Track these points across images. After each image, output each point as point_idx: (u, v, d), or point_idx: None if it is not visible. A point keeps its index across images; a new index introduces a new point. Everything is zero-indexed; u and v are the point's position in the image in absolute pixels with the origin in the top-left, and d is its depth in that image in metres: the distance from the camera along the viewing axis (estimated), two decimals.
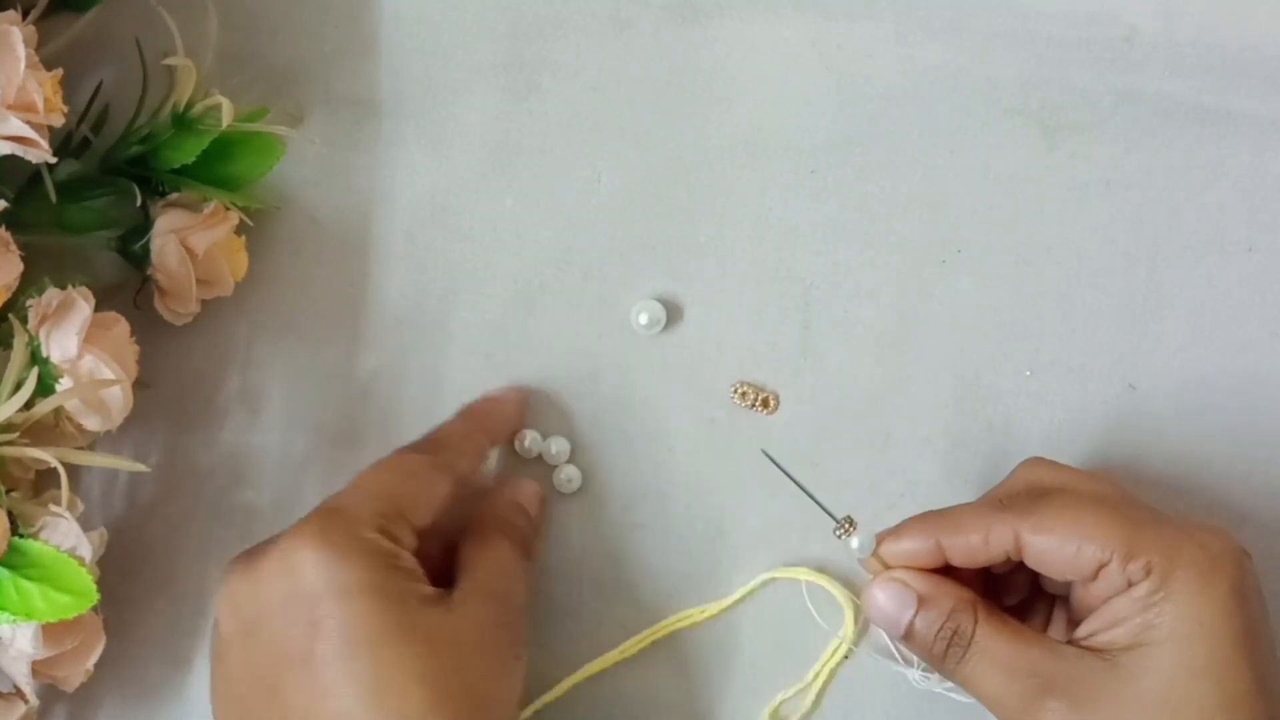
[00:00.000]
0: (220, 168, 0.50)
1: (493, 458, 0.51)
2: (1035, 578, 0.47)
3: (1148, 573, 0.42)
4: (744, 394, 0.50)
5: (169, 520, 0.52)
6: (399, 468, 0.46)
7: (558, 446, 0.51)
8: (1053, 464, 0.46)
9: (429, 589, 0.43)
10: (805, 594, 0.50)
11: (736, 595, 0.50)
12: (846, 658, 0.50)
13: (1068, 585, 0.46)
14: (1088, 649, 0.43)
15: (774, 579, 0.50)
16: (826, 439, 0.51)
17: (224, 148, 0.50)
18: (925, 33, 0.52)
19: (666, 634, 0.50)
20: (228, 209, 0.50)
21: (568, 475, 0.51)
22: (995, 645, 0.43)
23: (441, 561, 0.46)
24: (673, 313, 0.52)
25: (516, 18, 0.53)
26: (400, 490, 0.44)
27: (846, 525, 0.47)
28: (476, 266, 0.52)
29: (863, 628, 0.50)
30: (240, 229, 0.51)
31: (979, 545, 0.44)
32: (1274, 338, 0.51)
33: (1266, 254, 0.51)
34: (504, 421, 0.50)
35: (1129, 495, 0.45)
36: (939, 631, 0.44)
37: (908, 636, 0.45)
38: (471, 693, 0.41)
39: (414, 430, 0.51)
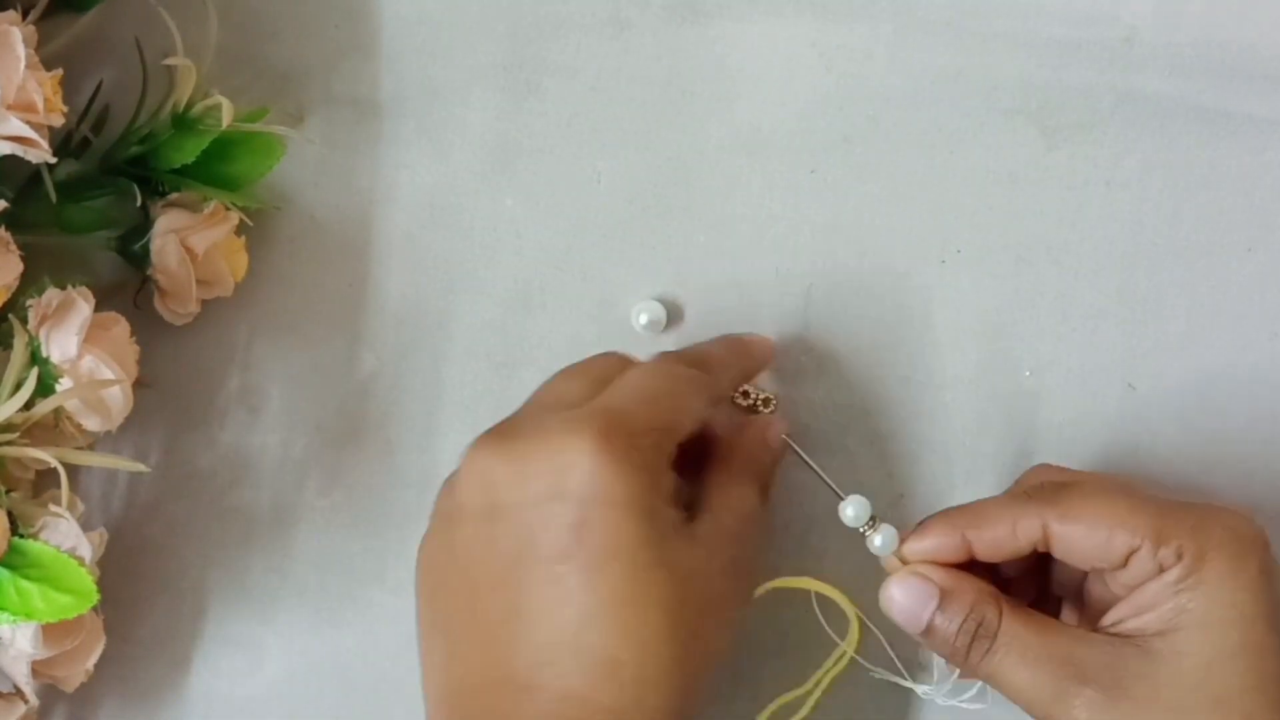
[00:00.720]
0: (220, 168, 0.50)
1: None
2: (1043, 580, 0.47)
3: (1179, 557, 0.41)
4: (744, 393, 0.50)
5: (169, 520, 0.52)
6: (670, 377, 0.44)
7: None
8: (1061, 468, 0.46)
9: (680, 514, 0.42)
10: (815, 603, 0.50)
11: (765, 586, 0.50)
12: (846, 665, 0.50)
13: (1078, 584, 0.46)
14: (1116, 636, 0.42)
15: (777, 587, 0.50)
16: (826, 439, 0.51)
17: (224, 148, 0.50)
18: (925, 33, 0.52)
19: None
20: (228, 209, 0.50)
21: None
22: (1023, 636, 0.43)
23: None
24: (673, 313, 0.52)
25: (516, 18, 0.53)
26: (671, 402, 0.43)
27: (870, 522, 0.46)
28: (476, 266, 0.52)
29: (866, 638, 0.50)
30: (240, 229, 0.51)
31: (1006, 537, 0.43)
32: (1274, 338, 0.51)
33: (1266, 254, 0.51)
34: (759, 356, 0.49)
35: (1146, 485, 0.44)
36: (962, 625, 0.43)
37: (928, 633, 0.44)
38: (700, 630, 0.41)
39: (414, 430, 0.52)
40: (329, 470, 0.52)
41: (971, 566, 0.45)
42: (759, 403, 0.51)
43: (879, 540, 0.46)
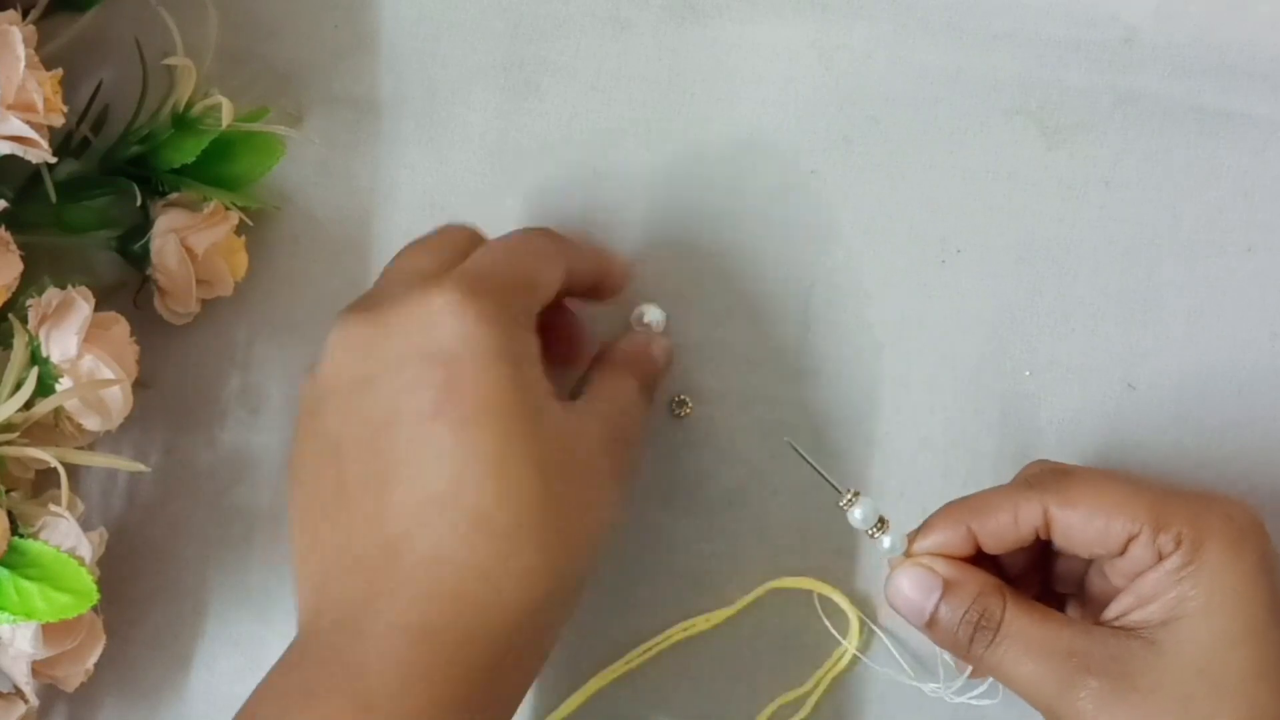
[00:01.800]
0: (220, 168, 0.50)
1: None
2: (1046, 577, 0.47)
3: (1178, 544, 0.41)
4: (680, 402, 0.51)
5: (169, 520, 0.52)
6: (527, 239, 0.44)
7: None
8: (1060, 463, 0.46)
9: (550, 385, 0.41)
10: (817, 603, 0.50)
11: (740, 604, 0.50)
12: (848, 666, 0.50)
13: (1079, 579, 0.46)
14: (1120, 629, 0.42)
15: (777, 588, 0.50)
16: (826, 439, 0.51)
17: (224, 148, 0.50)
18: (925, 33, 0.52)
19: (670, 644, 0.50)
20: (228, 209, 0.50)
21: None
22: (1027, 627, 0.43)
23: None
24: (672, 314, 0.52)
25: (516, 18, 0.53)
26: (532, 261, 0.43)
27: (880, 524, 0.46)
28: None
29: (866, 639, 0.50)
30: (240, 229, 0.51)
31: (1009, 525, 0.43)
32: (1274, 338, 0.51)
33: (1266, 254, 0.51)
34: (617, 267, 0.48)
35: (1145, 477, 0.44)
36: (965, 615, 0.43)
37: (931, 624, 0.44)
38: (573, 498, 0.40)
39: None
40: None
41: (977, 562, 0.45)
42: (675, 403, 0.51)
43: (888, 542, 0.46)
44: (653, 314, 0.51)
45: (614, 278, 0.48)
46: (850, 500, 0.46)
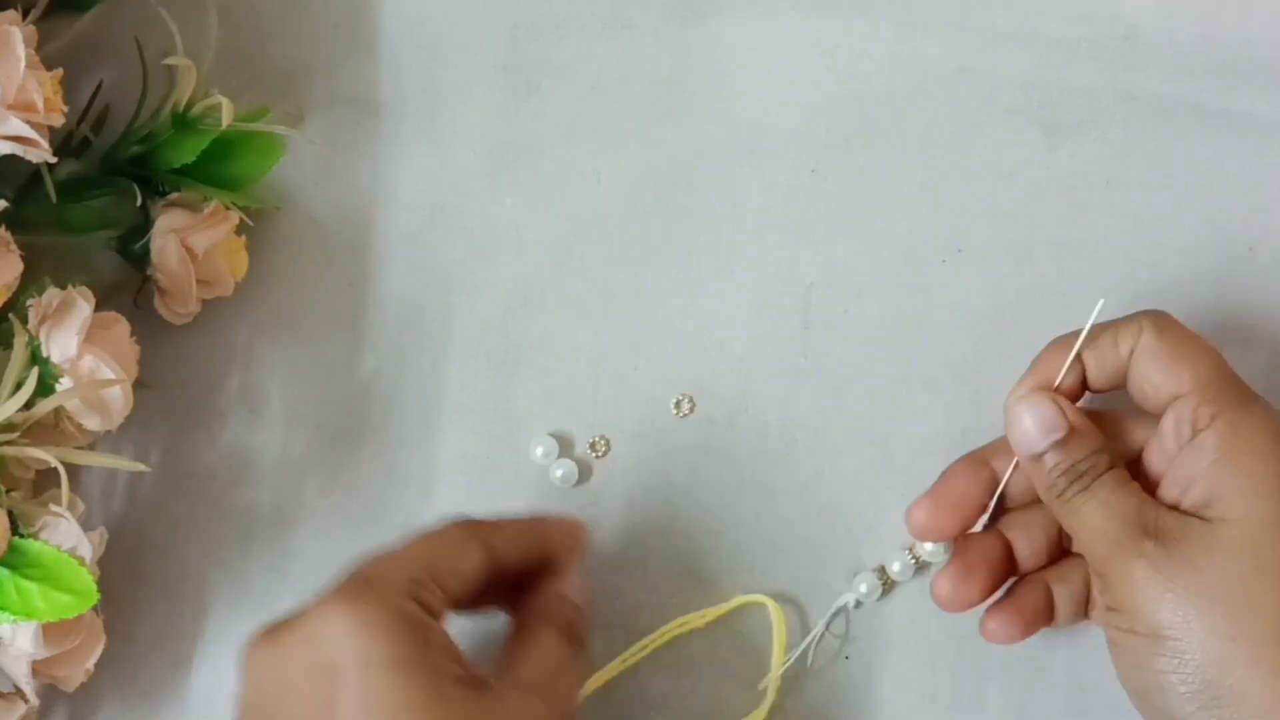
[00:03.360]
0: (220, 168, 0.50)
1: None
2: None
3: (1212, 419, 0.43)
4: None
5: (169, 520, 0.52)
6: (431, 535, 0.43)
7: (545, 447, 0.51)
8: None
9: (462, 670, 0.40)
10: (772, 614, 0.50)
11: (735, 602, 0.50)
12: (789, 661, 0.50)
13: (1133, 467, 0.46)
14: (1190, 514, 0.43)
15: (749, 603, 0.50)
16: (826, 439, 0.51)
17: (224, 148, 0.50)
18: (925, 32, 0.52)
19: (666, 641, 0.50)
20: (228, 209, 0.50)
21: (563, 474, 0.51)
22: (1114, 490, 0.44)
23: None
24: (673, 312, 0.52)
25: (516, 18, 0.53)
26: (433, 555, 0.42)
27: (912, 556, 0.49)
28: (476, 266, 0.52)
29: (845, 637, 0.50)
30: (240, 229, 0.51)
31: (1110, 348, 0.45)
32: (1274, 338, 0.51)
33: (1266, 254, 0.51)
34: (557, 532, 0.46)
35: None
36: (1076, 464, 0.44)
37: (1037, 460, 0.45)
38: None
39: (414, 430, 0.52)
40: (329, 470, 0.52)
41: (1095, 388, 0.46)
42: (676, 403, 0.51)
43: (929, 547, 0.49)
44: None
45: (560, 548, 0.46)
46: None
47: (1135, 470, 0.45)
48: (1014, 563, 0.47)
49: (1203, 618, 0.41)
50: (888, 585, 0.50)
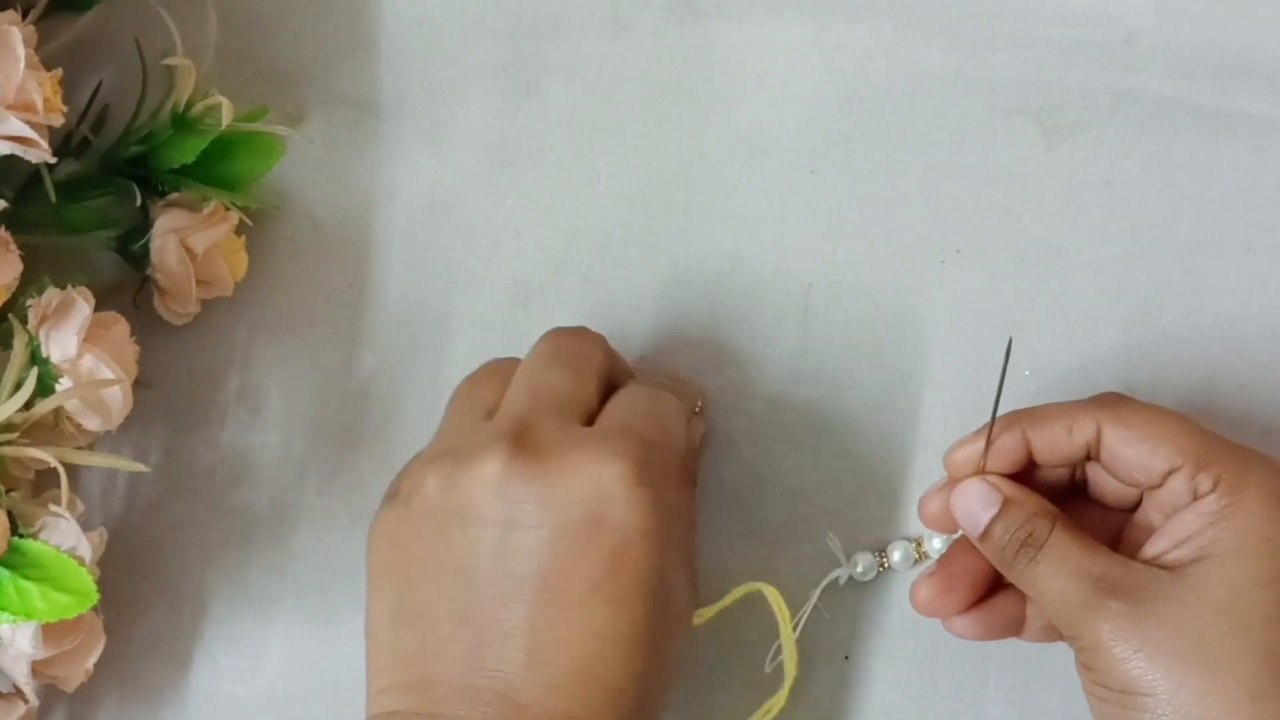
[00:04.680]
0: (220, 168, 0.50)
1: None
2: (1083, 524, 0.47)
3: (1215, 484, 0.42)
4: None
5: (169, 520, 0.52)
6: (666, 402, 0.45)
7: None
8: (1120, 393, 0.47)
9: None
10: (773, 605, 0.50)
11: (732, 596, 0.50)
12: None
13: (1118, 529, 0.46)
14: (1154, 565, 0.43)
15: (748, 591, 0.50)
16: (826, 440, 0.51)
17: (224, 148, 0.50)
18: (925, 33, 0.52)
19: None
20: (228, 209, 0.50)
21: None
22: (1066, 549, 0.43)
23: None
24: (672, 313, 0.52)
25: (516, 18, 0.53)
26: (677, 430, 0.45)
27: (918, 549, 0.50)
28: (476, 266, 0.52)
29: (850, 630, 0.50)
30: (240, 229, 0.51)
31: (1063, 436, 0.44)
32: (1273, 338, 0.51)
33: (1265, 254, 0.51)
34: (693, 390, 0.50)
35: (1201, 422, 0.45)
36: (1015, 533, 0.44)
37: (984, 536, 0.45)
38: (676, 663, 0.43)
39: (414, 430, 0.51)
40: (329, 470, 0.52)
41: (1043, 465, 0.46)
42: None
43: (939, 542, 0.49)
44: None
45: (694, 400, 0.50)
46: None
47: (1120, 521, 0.46)
48: (999, 577, 0.47)
49: (1172, 674, 0.41)
50: (885, 568, 0.49)
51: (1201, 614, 0.41)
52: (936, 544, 0.49)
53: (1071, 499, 0.46)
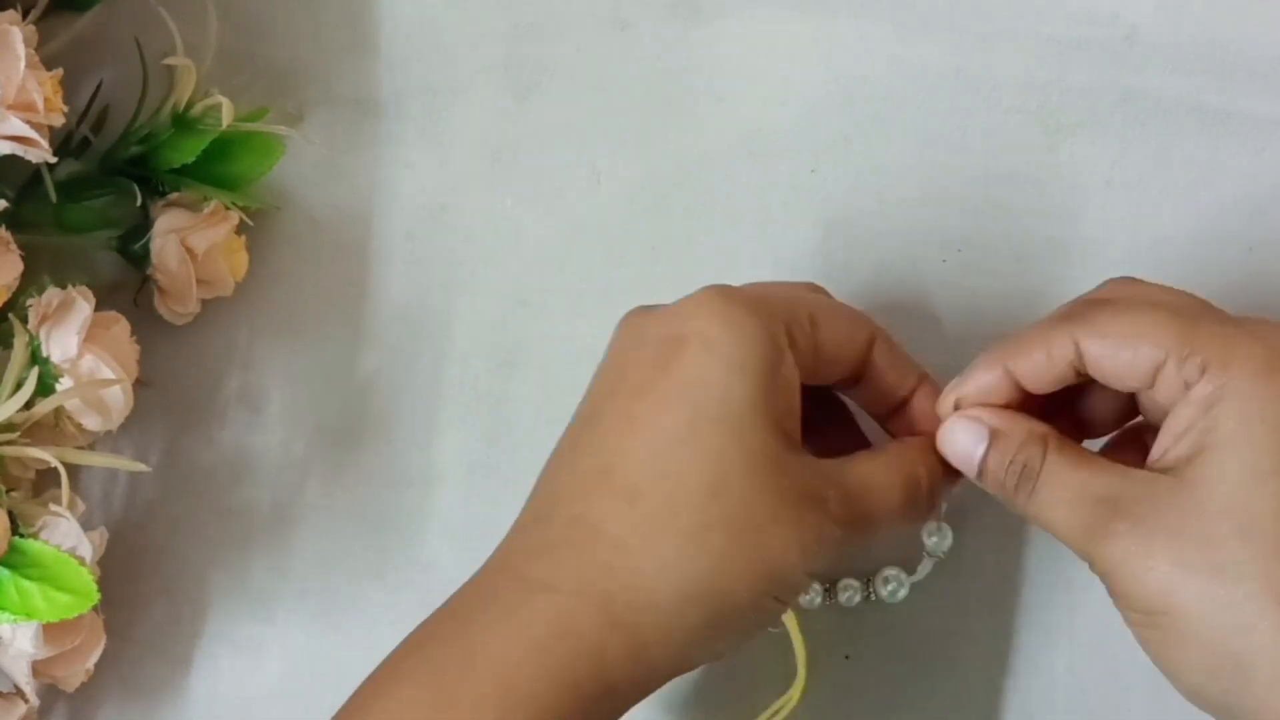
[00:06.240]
0: (220, 168, 0.51)
1: None
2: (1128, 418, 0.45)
3: (1204, 369, 0.39)
4: None
5: (169, 520, 0.52)
6: (832, 299, 0.45)
7: None
8: (1133, 280, 0.44)
9: (787, 408, 0.41)
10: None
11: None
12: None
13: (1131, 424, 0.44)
14: (1158, 470, 0.40)
15: None
16: None
17: (224, 148, 0.50)
18: (925, 32, 0.52)
19: None
20: (228, 209, 0.50)
21: None
22: (1062, 474, 0.41)
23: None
24: None
25: (516, 18, 0.53)
26: (824, 309, 0.44)
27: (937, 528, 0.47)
28: (476, 266, 0.52)
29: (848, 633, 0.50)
30: (240, 229, 0.51)
31: (1043, 361, 0.42)
32: None
33: (1266, 253, 0.51)
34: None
35: (1201, 302, 0.42)
36: (1010, 465, 0.42)
37: (982, 474, 0.42)
38: (735, 552, 0.40)
39: (414, 430, 0.52)
40: (329, 470, 0.52)
41: (1034, 409, 0.43)
42: None
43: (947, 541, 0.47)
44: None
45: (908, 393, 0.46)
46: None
47: (1135, 433, 0.44)
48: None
49: (1189, 587, 0.38)
50: (869, 598, 0.48)
51: (1204, 520, 0.38)
52: (927, 555, 0.47)
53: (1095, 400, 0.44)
